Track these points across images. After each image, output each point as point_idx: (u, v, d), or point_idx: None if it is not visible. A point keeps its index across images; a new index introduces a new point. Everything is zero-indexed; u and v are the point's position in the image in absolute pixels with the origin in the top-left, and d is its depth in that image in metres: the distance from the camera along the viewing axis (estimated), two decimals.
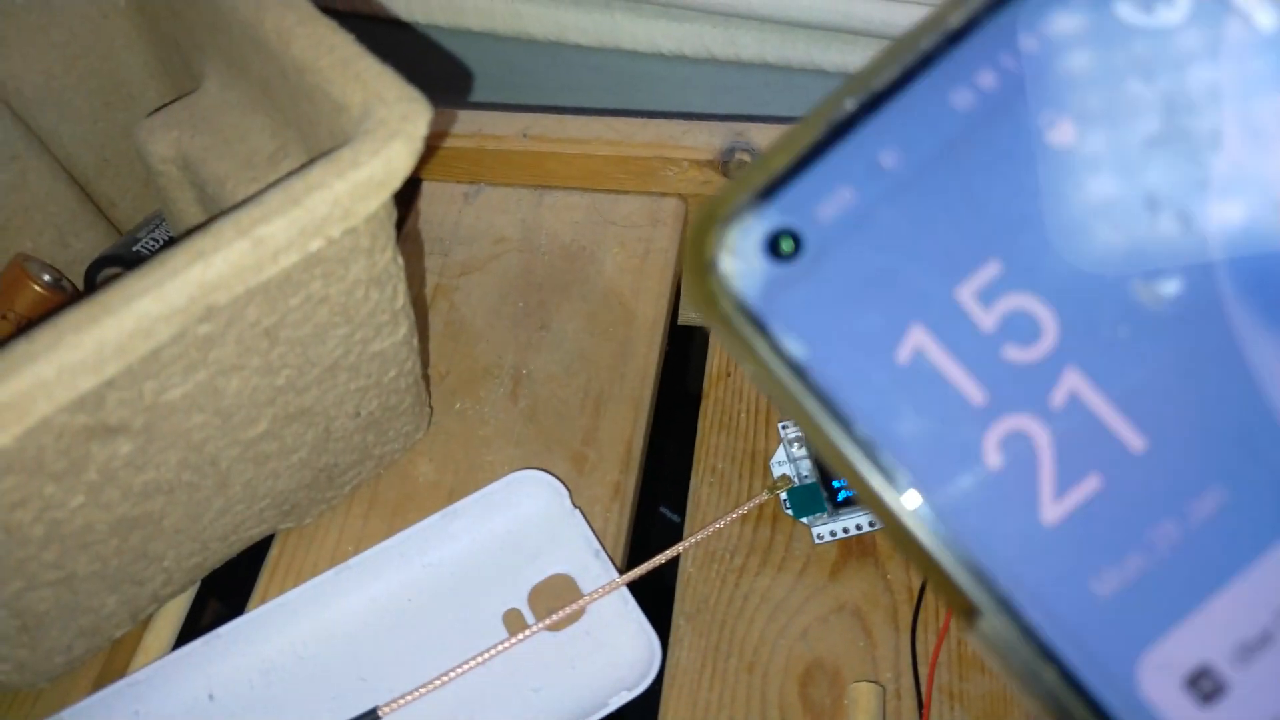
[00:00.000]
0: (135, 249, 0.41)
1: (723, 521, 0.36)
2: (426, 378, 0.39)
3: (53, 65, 0.39)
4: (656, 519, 0.53)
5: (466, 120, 0.47)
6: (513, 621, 0.35)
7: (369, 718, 0.33)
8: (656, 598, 0.35)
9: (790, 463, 0.37)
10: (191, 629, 0.36)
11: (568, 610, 0.34)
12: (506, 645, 0.34)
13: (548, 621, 0.34)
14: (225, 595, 0.43)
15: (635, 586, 0.35)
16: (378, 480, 0.38)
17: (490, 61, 0.60)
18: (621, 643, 0.34)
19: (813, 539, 0.36)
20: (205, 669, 0.34)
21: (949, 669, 0.33)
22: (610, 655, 0.34)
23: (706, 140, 0.45)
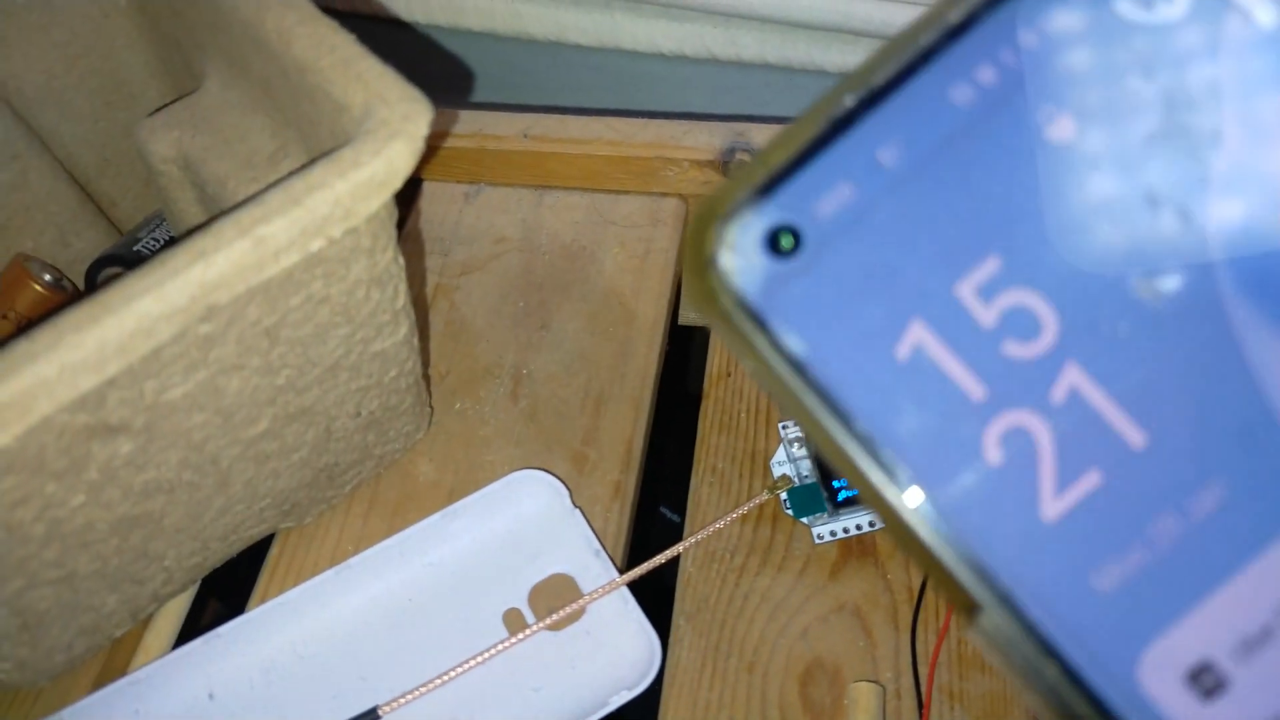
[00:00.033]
0: (136, 249, 0.41)
1: (723, 521, 0.36)
2: (427, 377, 0.40)
3: (53, 65, 0.39)
4: (657, 519, 0.53)
5: (467, 120, 0.47)
6: (513, 621, 0.35)
7: (369, 717, 0.33)
8: (657, 597, 0.35)
9: (790, 463, 0.37)
10: (192, 628, 0.36)
11: (568, 610, 0.34)
12: (507, 645, 0.34)
13: (548, 621, 0.34)
14: (225, 594, 0.43)
15: (635, 586, 0.35)
16: (378, 480, 0.38)
17: (491, 62, 0.60)
18: (622, 642, 0.34)
19: (813, 539, 0.36)
20: (205, 668, 0.34)
21: (949, 669, 0.33)
22: (610, 655, 0.34)
23: (707, 140, 0.45)
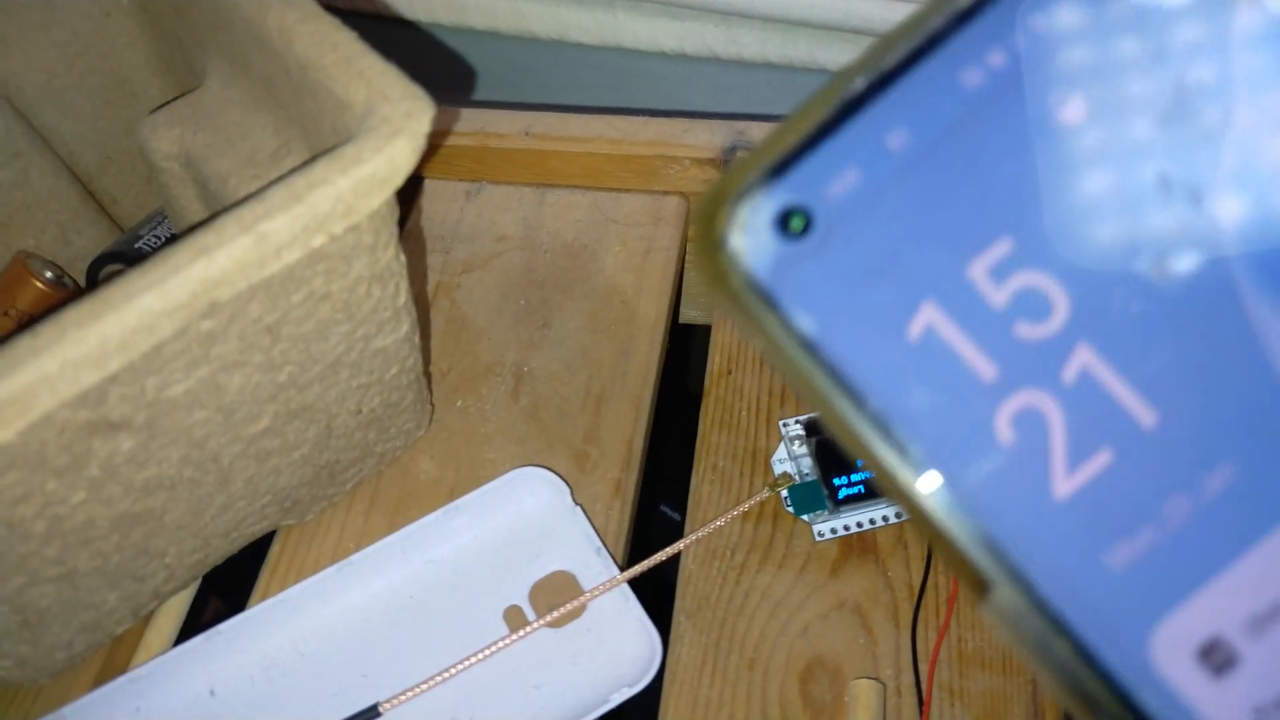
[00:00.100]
0: (137, 246, 0.41)
1: (723, 519, 0.36)
2: (428, 375, 0.40)
3: (54, 63, 0.39)
4: (657, 517, 0.53)
5: (469, 118, 0.47)
6: (514, 618, 0.35)
7: (370, 714, 0.33)
8: (657, 595, 0.35)
9: (791, 460, 0.37)
10: (193, 625, 0.36)
11: (569, 607, 0.34)
12: (507, 642, 0.34)
13: (549, 618, 0.34)
14: (226, 592, 0.43)
15: (636, 584, 0.35)
16: (379, 477, 0.38)
17: (493, 60, 0.60)
18: (622, 640, 0.34)
19: (813, 536, 0.36)
20: (206, 665, 0.34)
21: (949, 666, 0.33)
22: (611, 652, 0.34)
23: (708, 139, 0.45)
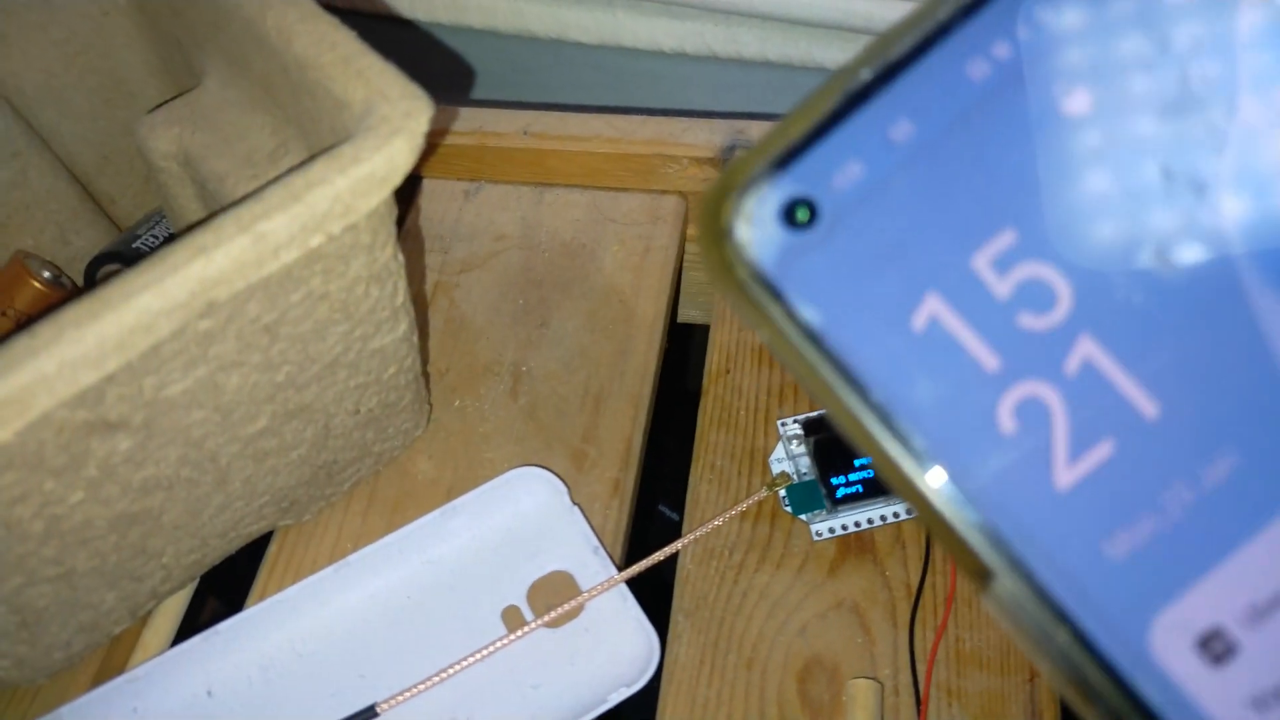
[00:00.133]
0: (135, 246, 0.41)
1: (722, 518, 0.36)
2: (426, 375, 0.40)
3: (53, 62, 0.39)
4: (655, 517, 0.53)
5: (467, 117, 0.47)
6: (511, 618, 0.35)
7: (367, 714, 0.33)
8: (655, 594, 0.35)
9: (789, 460, 0.37)
10: (190, 626, 0.36)
11: (567, 607, 0.34)
12: (505, 642, 0.34)
13: (547, 618, 0.34)
14: (224, 592, 0.43)
15: (634, 583, 0.35)
16: (377, 477, 0.38)
17: (491, 59, 0.60)
18: (620, 639, 0.34)
19: (811, 536, 0.36)
20: (204, 666, 0.34)
21: (947, 666, 0.33)
22: (609, 652, 0.34)
23: (707, 138, 0.45)
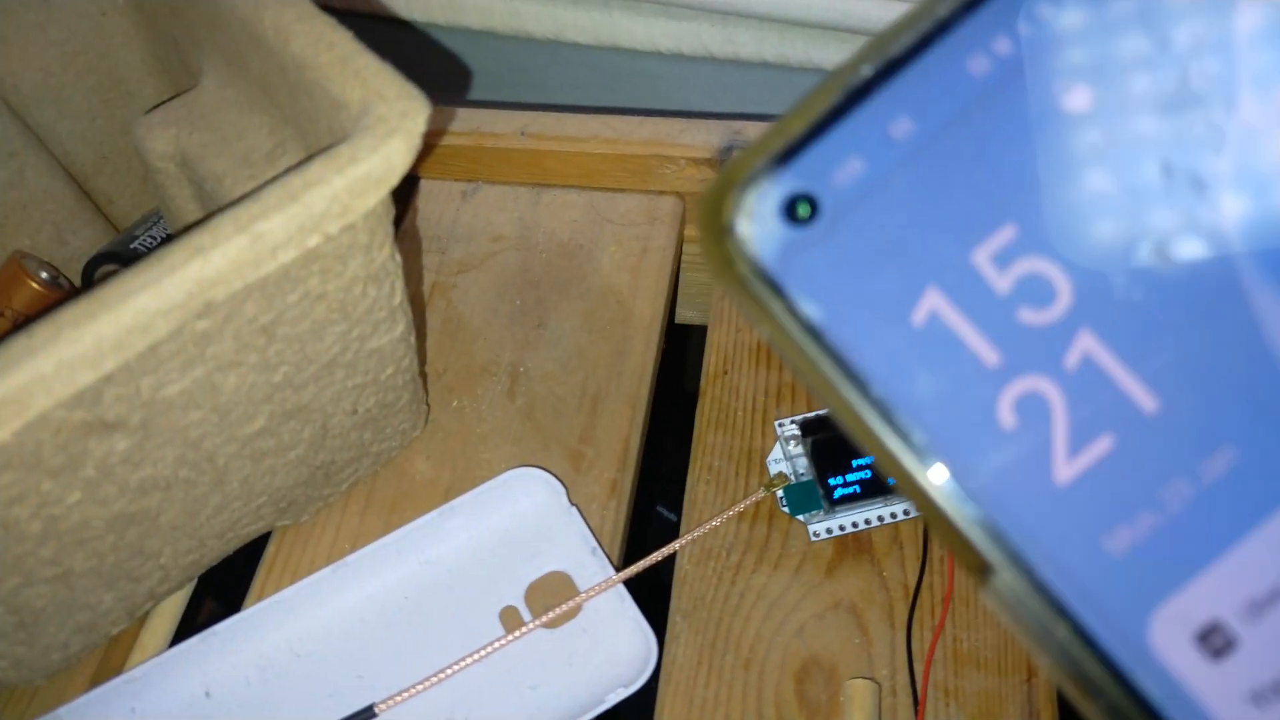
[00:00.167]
0: (132, 246, 0.41)
1: (719, 519, 0.36)
2: (424, 375, 0.40)
3: (51, 62, 0.39)
4: (653, 517, 0.53)
5: (464, 118, 0.47)
6: (509, 619, 0.35)
7: (365, 715, 0.33)
8: (653, 595, 0.35)
9: (787, 460, 0.38)
10: (188, 626, 0.36)
11: (564, 607, 0.34)
12: (503, 642, 0.34)
13: (544, 619, 0.34)
14: (222, 593, 0.43)
15: (632, 584, 0.35)
16: (375, 478, 0.38)
17: (489, 59, 0.60)
18: (618, 640, 0.34)
19: (809, 536, 0.36)
20: (202, 666, 0.34)
21: (944, 666, 0.34)
22: (607, 652, 0.34)
23: (704, 139, 0.45)
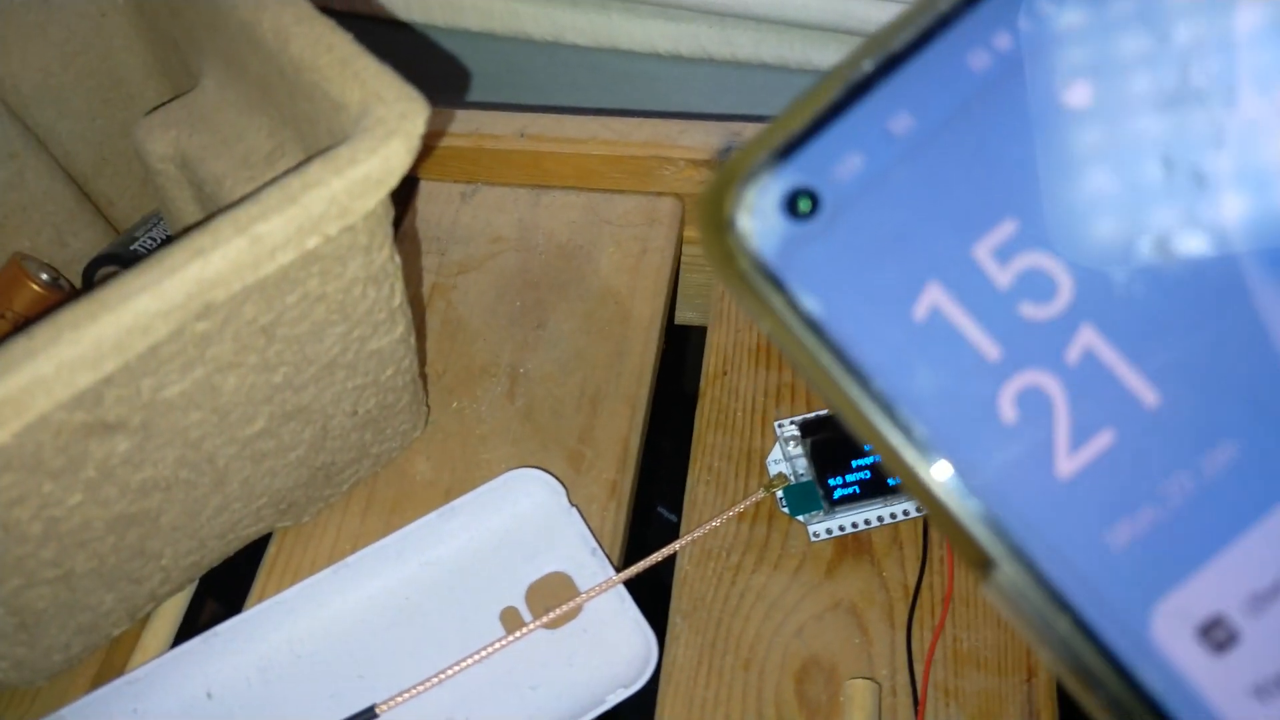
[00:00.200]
0: (133, 248, 0.41)
1: (719, 520, 0.36)
2: (424, 376, 0.40)
3: (51, 63, 0.39)
4: (653, 518, 0.53)
5: (464, 119, 0.47)
6: (510, 619, 0.35)
7: (366, 715, 0.33)
8: (653, 595, 0.35)
9: (786, 461, 0.38)
10: (189, 627, 0.36)
11: (565, 608, 0.34)
12: (504, 643, 0.34)
13: (545, 619, 0.34)
14: (223, 594, 0.43)
15: (632, 584, 0.35)
16: (375, 479, 0.38)
17: (488, 61, 0.60)
18: (618, 640, 0.34)
19: (809, 537, 0.36)
20: (203, 667, 0.34)
21: (944, 666, 0.34)
22: (607, 653, 0.34)
23: (703, 140, 0.45)
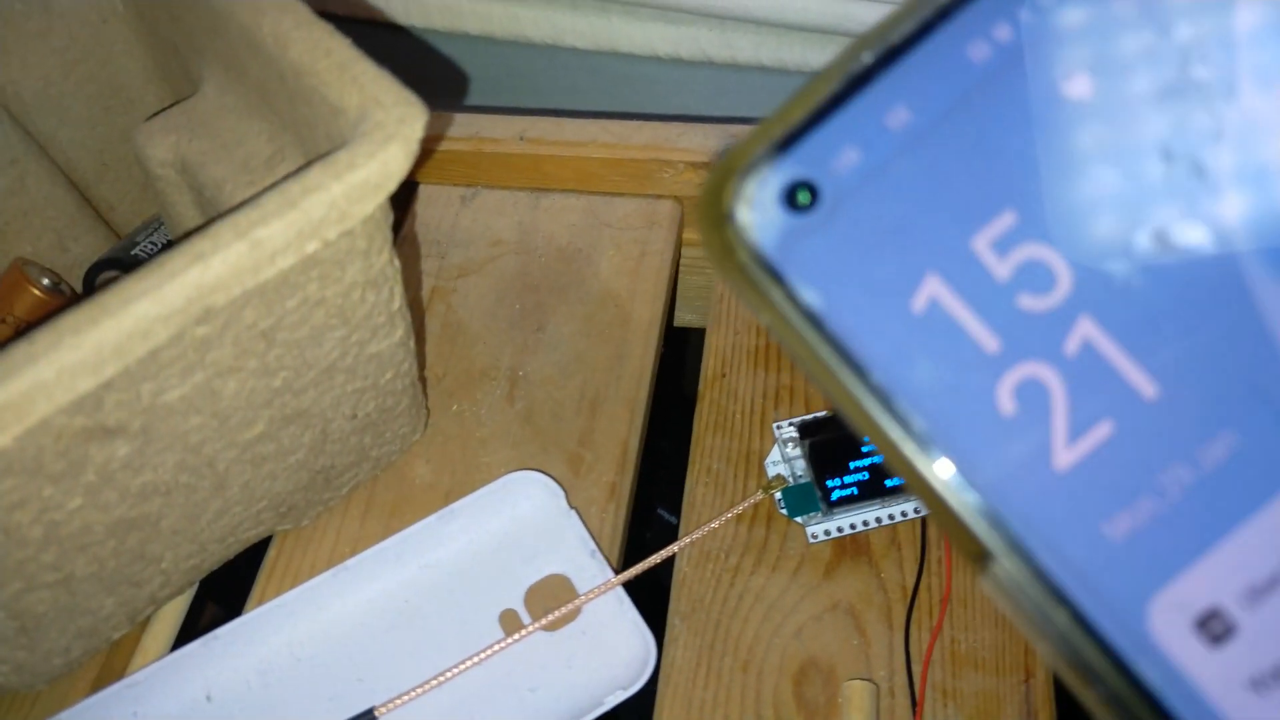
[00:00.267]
0: (133, 253, 0.41)
1: (718, 521, 0.36)
2: (423, 380, 0.40)
3: (52, 70, 0.39)
4: (652, 520, 0.53)
5: (463, 123, 0.47)
6: (509, 622, 0.35)
7: (366, 718, 0.33)
8: (652, 597, 0.35)
9: (785, 462, 0.38)
10: (189, 631, 0.36)
11: (564, 610, 0.34)
12: (503, 645, 0.34)
13: (544, 621, 0.34)
14: (223, 597, 0.43)
15: (631, 586, 0.35)
16: (375, 482, 0.39)
17: (487, 65, 0.60)
18: (617, 642, 0.34)
19: (807, 538, 0.36)
20: (203, 670, 0.34)
21: (942, 667, 0.34)
22: (606, 655, 0.34)
23: (702, 142, 0.45)
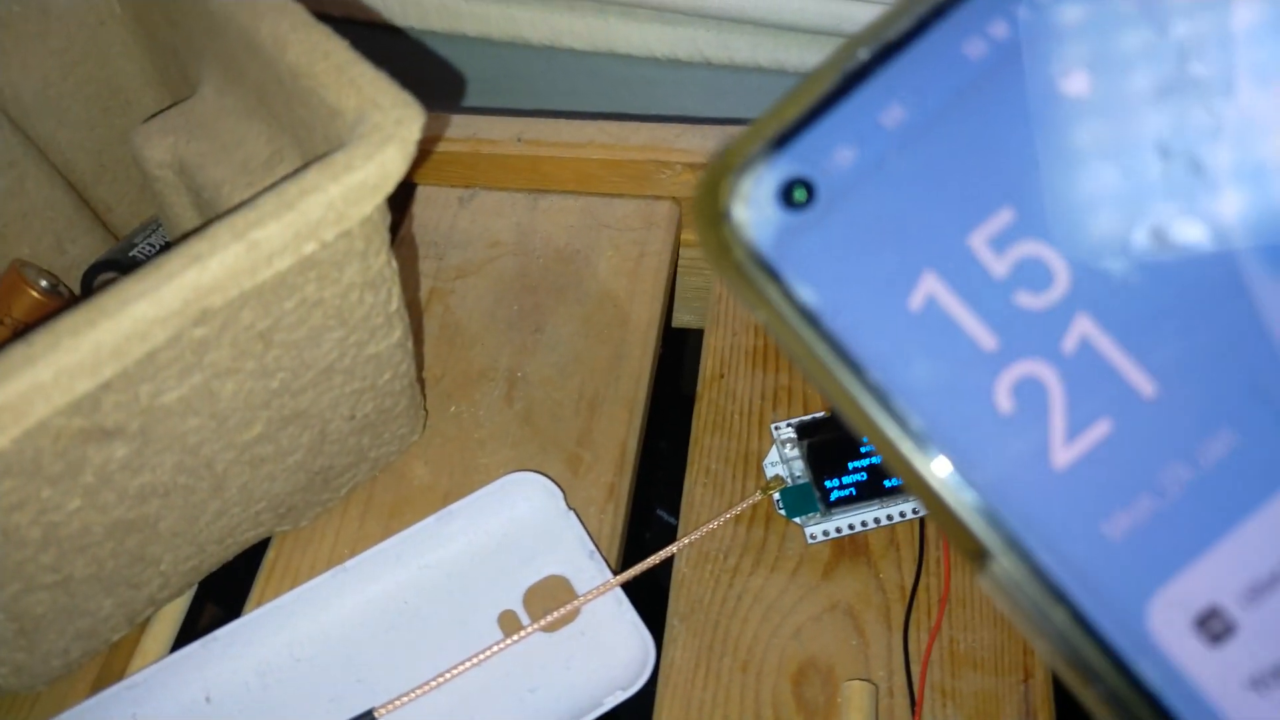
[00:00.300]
0: (131, 254, 0.41)
1: (716, 522, 0.36)
2: (421, 381, 0.40)
3: (50, 72, 0.39)
4: (651, 520, 0.53)
5: (461, 124, 0.47)
6: (508, 622, 0.35)
7: (365, 719, 0.33)
8: (651, 598, 0.35)
9: (783, 463, 0.38)
10: (189, 632, 0.36)
11: (562, 611, 0.34)
12: (502, 646, 0.34)
13: (543, 622, 0.34)
14: (222, 598, 0.43)
15: (630, 587, 0.35)
16: (373, 483, 0.39)
17: (485, 66, 0.60)
18: (616, 643, 0.34)
19: (805, 539, 0.36)
20: (202, 671, 0.34)
21: (941, 667, 0.34)
22: (605, 655, 0.34)
23: (700, 143, 0.45)
